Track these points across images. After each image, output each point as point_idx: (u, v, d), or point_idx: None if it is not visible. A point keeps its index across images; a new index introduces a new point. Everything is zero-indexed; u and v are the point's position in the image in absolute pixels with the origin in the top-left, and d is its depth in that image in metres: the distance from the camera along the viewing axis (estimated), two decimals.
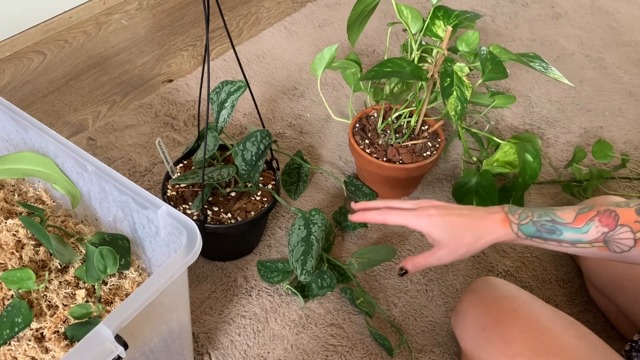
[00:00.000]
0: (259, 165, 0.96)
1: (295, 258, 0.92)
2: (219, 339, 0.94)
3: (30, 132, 0.79)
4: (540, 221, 0.71)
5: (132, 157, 1.21)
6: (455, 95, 0.92)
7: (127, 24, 1.59)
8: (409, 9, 1.02)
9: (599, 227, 0.67)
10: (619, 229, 0.66)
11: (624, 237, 0.66)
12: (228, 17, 1.64)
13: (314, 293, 0.98)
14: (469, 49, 1.02)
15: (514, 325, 0.75)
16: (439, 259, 0.75)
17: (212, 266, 1.04)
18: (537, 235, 0.71)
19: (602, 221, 0.67)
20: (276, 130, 1.30)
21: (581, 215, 0.69)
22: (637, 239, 0.65)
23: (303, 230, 0.94)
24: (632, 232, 0.65)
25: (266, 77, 1.44)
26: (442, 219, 0.74)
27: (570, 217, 0.69)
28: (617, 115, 1.41)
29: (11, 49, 1.45)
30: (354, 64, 1.10)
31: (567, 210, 0.70)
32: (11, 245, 0.75)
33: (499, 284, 0.83)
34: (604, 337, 0.97)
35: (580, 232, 0.68)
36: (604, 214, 0.67)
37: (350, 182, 1.17)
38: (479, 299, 0.82)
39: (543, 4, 1.79)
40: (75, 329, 0.68)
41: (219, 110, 0.96)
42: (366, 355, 0.93)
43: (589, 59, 1.59)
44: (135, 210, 0.73)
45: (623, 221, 0.66)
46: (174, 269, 0.63)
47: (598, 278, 0.95)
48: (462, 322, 0.83)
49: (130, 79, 1.42)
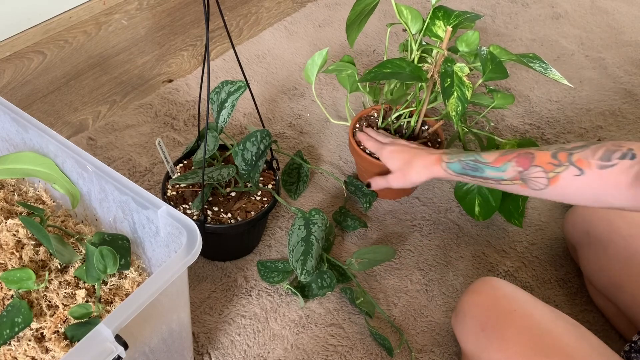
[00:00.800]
0: (259, 165, 0.96)
1: (295, 258, 0.92)
2: (219, 339, 0.94)
3: (30, 132, 0.79)
4: (465, 160, 0.83)
5: (132, 157, 1.21)
6: (456, 95, 0.92)
7: (127, 24, 1.59)
8: (409, 9, 1.02)
9: (514, 167, 0.76)
10: (533, 169, 0.75)
11: (537, 177, 0.74)
12: (228, 17, 1.65)
13: (314, 293, 0.98)
14: (469, 49, 1.02)
15: (514, 326, 0.76)
16: (389, 182, 0.98)
17: (212, 266, 1.04)
18: (464, 172, 0.83)
19: (519, 162, 0.76)
20: (276, 130, 1.30)
21: (501, 157, 0.79)
22: (549, 178, 0.73)
23: (303, 230, 0.94)
24: (545, 172, 0.73)
25: (266, 77, 1.44)
26: (396, 154, 0.96)
27: (492, 158, 0.80)
28: (617, 115, 1.42)
29: (11, 49, 1.45)
30: (349, 66, 1.10)
31: (491, 152, 0.81)
32: (11, 245, 0.75)
33: (499, 284, 0.83)
34: (603, 337, 0.98)
35: (499, 171, 0.78)
36: (522, 156, 0.76)
37: (350, 182, 1.17)
38: (479, 299, 0.82)
39: (543, 4, 1.79)
40: (75, 329, 0.68)
41: (219, 110, 0.96)
42: (366, 355, 0.93)
43: (589, 59, 1.59)
44: (135, 210, 0.73)
45: (537, 162, 0.74)
46: (174, 269, 0.63)
47: (598, 278, 0.95)
48: (462, 322, 0.83)
49: (130, 79, 1.42)
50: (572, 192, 0.72)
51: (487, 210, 1.04)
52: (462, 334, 0.83)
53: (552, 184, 0.73)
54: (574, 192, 0.72)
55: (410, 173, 0.93)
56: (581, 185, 0.71)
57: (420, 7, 1.72)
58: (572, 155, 0.71)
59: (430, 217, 1.15)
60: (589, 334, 0.75)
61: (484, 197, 1.04)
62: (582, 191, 0.71)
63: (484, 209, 1.04)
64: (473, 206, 1.05)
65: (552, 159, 0.73)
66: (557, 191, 0.73)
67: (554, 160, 0.73)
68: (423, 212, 1.16)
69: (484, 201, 1.04)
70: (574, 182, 0.71)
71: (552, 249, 1.11)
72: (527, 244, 1.11)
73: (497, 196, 1.03)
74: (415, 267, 1.06)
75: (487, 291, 0.82)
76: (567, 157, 0.72)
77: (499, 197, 1.03)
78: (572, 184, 0.71)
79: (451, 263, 1.07)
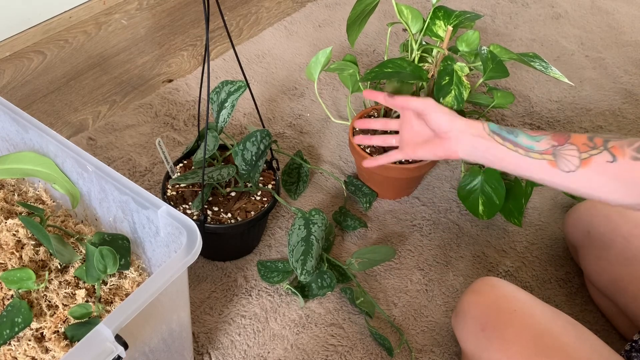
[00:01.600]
0: (259, 165, 0.96)
1: (296, 258, 0.92)
2: (219, 338, 0.94)
3: (30, 132, 0.79)
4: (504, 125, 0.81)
5: (132, 157, 1.21)
6: (453, 94, 0.92)
7: (127, 24, 1.59)
8: (409, 9, 1.02)
9: (549, 141, 0.75)
10: (567, 146, 0.73)
11: (570, 155, 0.73)
12: (228, 17, 1.64)
13: (314, 293, 0.98)
14: (469, 49, 1.02)
15: (514, 326, 0.75)
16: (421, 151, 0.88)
17: (212, 266, 1.04)
18: (498, 132, 0.79)
19: (555, 137, 0.75)
20: (276, 130, 1.30)
21: (539, 131, 0.80)
22: (582, 159, 0.71)
23: (303, 230, 0.94)
24: (578, 151, 0.72)
25: (266, 77, 1.44)
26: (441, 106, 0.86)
27: (529, 129, 0.79)
28: (617, 115, 1.41)
29: (11, 49, 1.45)
30: (351, 65, 1.10)
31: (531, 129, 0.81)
32: (11, 245, 0.75)
33: (499, 284, 0.83)
34: (603, 337, 0.98)
35: (533, 140, 0.76)
36: (558, 134, 0.75)
37: (350, 182, 1.17)
38: (479, 300, 0.82)
39: (543, 4, 1.79)
40: (75, 329, 0.68)
41: (219, 110, 0.96)
42: (366, 355, 0.93)
43: (589, 59, 1.59)
44: (135, 210, 0.73)
45: (572, 141, 0.73)
46: (174, 269, 0.63)
47: (598, 278, 0.95)
48: (462, 322, 0.83)
49: (130, 79, 1.42)
50: (599, 180, 0.71)
51: (491, 209, 1.04)
52: (462, 334, 0.83)
53: (583, 166, 0.71)
54: (601, 180, 0.71)
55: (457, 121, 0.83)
56: (611, 173, 0.69)
57: (420, 7, 1.72)
58: (608, 141, 0.70)
59: (430, 217, 1.15)
60: (588, 334, 0.75)
61: (488, 196, 1.03)
62: (610, 180, 0.70)
63: (487, 207, 1.04)
64: (477, 205, 1.04)
65: (588, 141, 0.72)
66: (586, 176, 0.72)
67: (590, 143, 0.72)
68: (423, 212, 1.16)
69: (487, 200, 1.03)
70: (605, 168, 0.70)
71: (552, 249, 1.11)
72: (527, 244, 1.11)
73: (500, 194, 1.02)
74: (415, 267, 1.06)
75: (487, 291, 0.82)
76: (603, 142, 0.71)
77: (502, 195, 1.02)
78: (602, 170, 0.70)
79: (451, 263, 1.07)
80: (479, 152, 0.81)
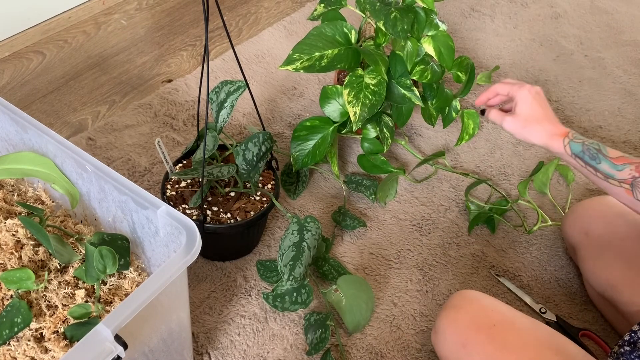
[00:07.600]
0: (259, 166, 0.96)
1: (284, 262, 0.89)
2: (218, 338, 0.94)
3: (30, 132, 0.79)
4: (589, 146, 0.82)
5: (132, 157, 1.21)
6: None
7: (126, 24, 1.59)
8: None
9: (632, 171, 0.76)
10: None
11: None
12: (227, 17, 1.64)
13: (284, 307, 0.93)
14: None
15: (495, 341, 0.76)
16: (504, 122, 0.90)
17: (212, 266, 1.04)
18: (580, 156, 0.82)
19: (637, 169, 0.76)
20: (276, 130, 1.30)
21: (623, 158, 0.79)
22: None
23: (296, 236, 0.91)
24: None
25: (265, 77, 1.44)
26: (535, 102, 0.88)
27: (615, 155, 0.80)
28: (617, 115, 1.42)
29: (10, 49, 1.45)
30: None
31: (615, 150, 0.81)
32: (10, 245, 0.75)
33: (477, 297, 0.83)
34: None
35: (615, 169, 0.78)
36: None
37: (350, 180, 1.17)
38: (458, 315, 0.81)
39: (542, 3, 1.80)
40: (74, 329, 0.67)
41: (218, 110, 0.96)
42: (366, 355, 0.93)
43: (588, 59, 1.59)
44: (135, 210, 0.73)
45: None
46: (173, 269, 0.63)
47: (596, 279, 0.95)
48: (442, 339, 0.82)
49: (130, 79, 1.42)
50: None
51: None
52: (443, 351, 0.82)
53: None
54: None
55: (532, 128, 0.87)
56: None
57: None
58: None
59: (430, 217, 1.15)
60: (569, 345, 0.76)
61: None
62: None
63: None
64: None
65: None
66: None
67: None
68: (423, 212, 1.16)
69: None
70: None
71: (552, 249, 1.11)
72: (527, 244, 1.11)
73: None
74: (415, 267, 1.06)
75: (466, 306, 0.82)
76: None
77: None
78: None
79: (451, 263, 1.07)
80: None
